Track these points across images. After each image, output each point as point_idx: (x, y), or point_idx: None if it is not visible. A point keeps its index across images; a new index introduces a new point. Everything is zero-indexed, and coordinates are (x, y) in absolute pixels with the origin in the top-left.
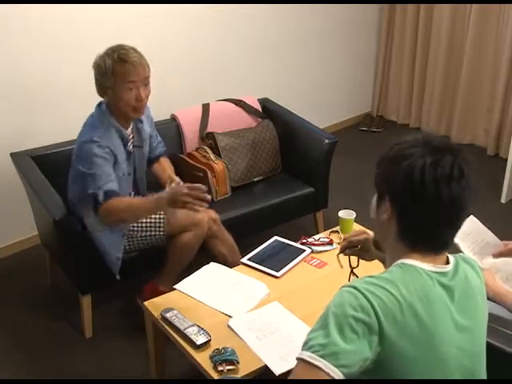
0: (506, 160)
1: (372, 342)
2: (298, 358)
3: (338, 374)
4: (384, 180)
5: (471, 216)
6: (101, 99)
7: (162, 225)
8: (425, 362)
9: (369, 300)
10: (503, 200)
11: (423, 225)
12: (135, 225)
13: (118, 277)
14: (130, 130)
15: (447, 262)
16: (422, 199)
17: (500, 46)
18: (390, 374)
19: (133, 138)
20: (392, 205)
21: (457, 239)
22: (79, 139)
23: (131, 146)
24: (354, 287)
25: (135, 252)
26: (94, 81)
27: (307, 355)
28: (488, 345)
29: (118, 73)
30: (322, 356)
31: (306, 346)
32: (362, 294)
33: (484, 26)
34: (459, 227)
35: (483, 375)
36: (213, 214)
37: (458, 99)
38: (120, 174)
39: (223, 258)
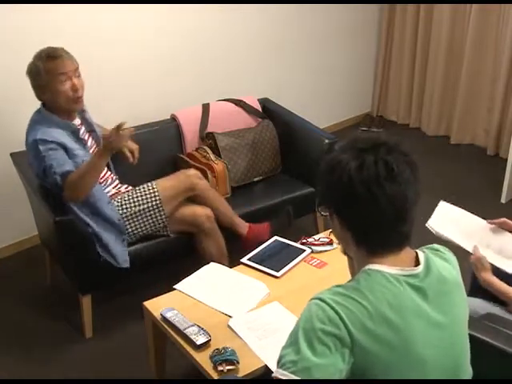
0: (506, 160)
1: (344, 355)
2: (273, 377)
3: None
4: (323, 194)
5: (441, 202)
6: (37, 107)
7: (160, 206)
8: (401, 366)
9: (336, 312)
10: (503, 200)
11: (371, 228)
12: (133, 207)
13: (127, 265)
14: (76, 120)
15: (417, 263)
16: (359, 204)
17: (500, 45)
18: (365, 369)
19: (82, 125)
20: (338, 216)
21: (439, 229)
22: (26, 146)
23: (86, 134)
24: (321, 299)
25: (140, 239)
26: (95, 82)
27: (280, 373)
28: (488, 345)
29: (49, 69)
30: (293, 372)
31: (279, 364)
32: (329, 305)
33: (484, 26)
34: (410, 219)
35: (466, 369)
36: (208, 211)
37: (457, 99)
38: (80, 162)
39: (210, 258)
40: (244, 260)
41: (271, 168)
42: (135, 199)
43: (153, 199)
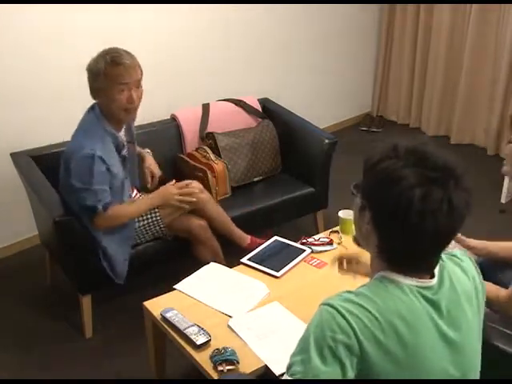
0: None
1: (353, 363)
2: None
3: None
4: (370, 195)
5: None
6: (93, 102)
7: (159, 220)
8: (405, 372)
9: (348, 321)
10: (503, 200)
11: (405, 252)
12: (135, 226)
13: (122, 282)
14: (122, 132)
15: (432, 275)
16: (404, 229)
17: (500, 45)
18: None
19: (125, 136)
20: (374, 222)
21: None
22: (75, 150)
23: (125, 150)
24: (333, 306)
25: (140, 245)
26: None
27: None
28: (488, 345)
29: (110, 75)
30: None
31: (289, 372)
32: (340, 313)
33: (484, 26)
34: (445, 250)
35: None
36: (202, 222)
37: (458, 99)
38: (118, 184)
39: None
40: (244, 260)
41: (271, 168)
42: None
43: (152, 215)
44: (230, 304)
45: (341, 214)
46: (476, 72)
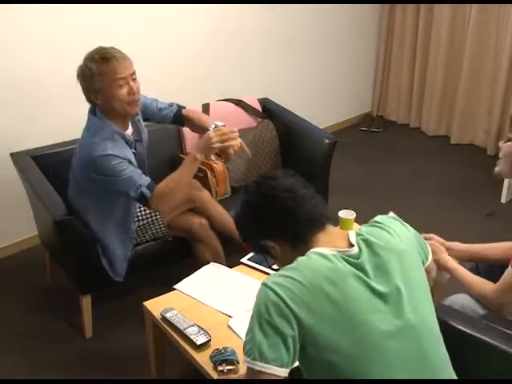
0: None
1: (294, 332)
2: (244, 361)
3: (274, 369)
4: (252, 241)
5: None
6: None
7: (159, 220)
8: (343, 331)
9: (277, 293)
10: (503, 200)
11: (291, 222)
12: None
13: (121, 279)
14: (129, 130)
15: (351, 245)
16: (273, 210)
17: (500, 45)
18: (317, 346)
19: (132, 135)
20: (270, 237)
21: None
22: (89, 153)
23: (134, 146)
24: (265, 284)
25: (140, 245)
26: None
27: (245, 360)
28: (487, 344)
29: (105, 72)
30: (254, 359)
31: (244, 351)
32: (271, 289)
33: (484, 25)
34: (312, 200)
35: (428, 330)
36: (203, 220)
37: (458, 99)
38: None
39: (206, 264)
40: (244, 260)
41: (271, 168)
42: (137, 214)
43: (152, 214)
44: (230, 304)
45: (341, 213)
46: (476, 72)
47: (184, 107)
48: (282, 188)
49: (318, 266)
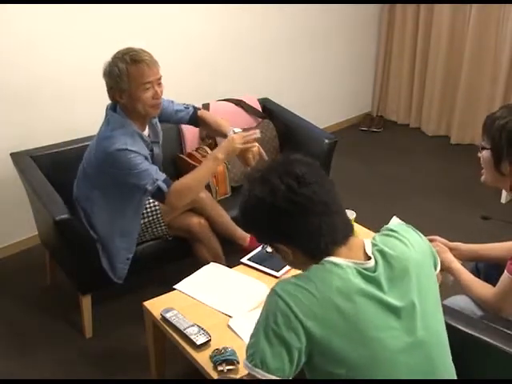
0: None
1: (301, 344)
2: (244, 365)
3: (274, 378)
4: (260, 234)
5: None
6: (109, 102)
7: (160, 220)
8: (356, 346)
9: (287, 303)
10: (503, 200)
11: (313, 232)
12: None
13: (121, 281)
14: (146, 131)
15: (368, 258)
16: (291, 217)
17: (500, 45)
18: (325, 356)
19: (149, 136)
20: (282, 243)
21: None
22: (108, 145)
23: (151, 148)
24: (275, 291)
25: (140, 244)
26: (96, 82)
27: (247, 365)
28: (487, 344)
29: (133, 74)
30: (255, 365)
31: (246, 354)
32: (280, 297)
33: (484, 25)
34: (340, 210)
35: (438, 345)
36: (202, 220)
37: (458, 99)
38: None
39: (205, 264)
40: (244, 260)
41: None
42: None
43: (153, 212)
44: (230, 304)
45: None
46: (476, 72)
47: (199, 108)
48: (319, 200)
49: (331, 277)
